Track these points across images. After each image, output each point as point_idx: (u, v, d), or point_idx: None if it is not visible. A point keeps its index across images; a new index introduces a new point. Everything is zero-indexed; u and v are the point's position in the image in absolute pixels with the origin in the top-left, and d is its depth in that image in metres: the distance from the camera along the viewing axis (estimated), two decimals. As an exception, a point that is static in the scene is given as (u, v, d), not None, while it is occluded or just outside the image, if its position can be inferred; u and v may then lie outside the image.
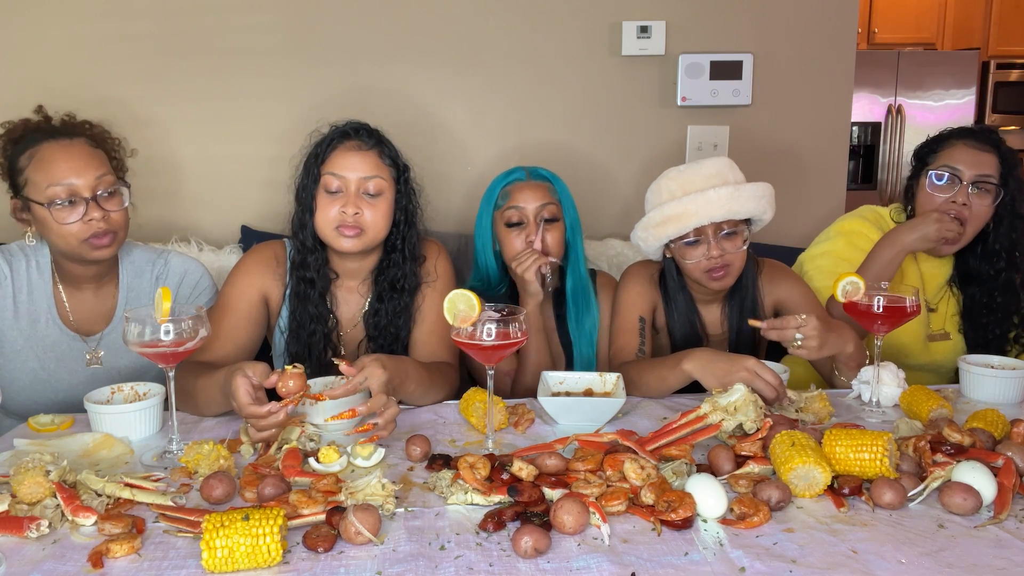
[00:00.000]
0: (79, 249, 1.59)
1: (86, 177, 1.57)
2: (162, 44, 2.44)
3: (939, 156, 1.93)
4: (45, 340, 1.68)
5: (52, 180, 1.55)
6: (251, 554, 0.95)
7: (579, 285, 1.94)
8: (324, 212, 1.66)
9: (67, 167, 1.56)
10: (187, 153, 2.51)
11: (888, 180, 4.92)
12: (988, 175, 1.87)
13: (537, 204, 1.86)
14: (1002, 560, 0.98)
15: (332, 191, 1.66)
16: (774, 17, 2.56)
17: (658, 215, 1.75)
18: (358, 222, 1.65)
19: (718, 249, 1.72)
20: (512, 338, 1.30)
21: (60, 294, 1.70)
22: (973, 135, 1.91)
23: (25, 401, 1.67)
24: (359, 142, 1.69)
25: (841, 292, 1.53)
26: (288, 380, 1.30)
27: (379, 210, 1.68)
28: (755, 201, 1.72)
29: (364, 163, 1.67)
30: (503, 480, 1.15)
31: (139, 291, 1.76)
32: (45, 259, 1.70)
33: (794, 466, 1.14)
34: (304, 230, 1.70)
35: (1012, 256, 1.94)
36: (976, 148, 1.88)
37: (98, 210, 1.58)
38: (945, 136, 1.95)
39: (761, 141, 2.58)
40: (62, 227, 1.56)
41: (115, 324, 1.73)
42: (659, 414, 1.52)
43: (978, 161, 1.87)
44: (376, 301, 1.75)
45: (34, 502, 1.10)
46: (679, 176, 1.76)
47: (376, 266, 1.78)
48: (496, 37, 2.52)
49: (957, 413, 1.49)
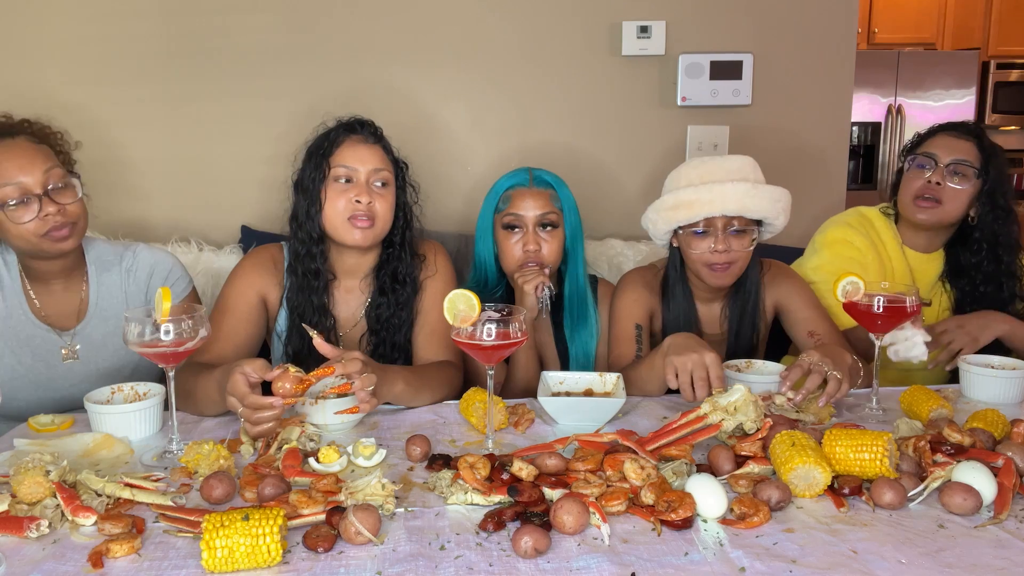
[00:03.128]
0: (39, 245, 1.58)
1: (34, 174, 1.56)
2: (162, 44, 2.44)
3: (922, 145, 2.00)
4: (19, 335, 1.68)
5: (0, 181, 1.54)
6: (251, 554, 0.95)
7: (576, 293, 1.94)
8: (334, 204, 1.68)
9: (12, 166, 1.55)
10: (187, 153, 2.51)
11: (888, 180, 4.92)
12: (964, 159, 1.92)
13: (537, 212, 1.85)
14: (1002, 560, 0.98)
15: (343, 183, 1.68)
16: (774, 17, 2.56)
17: (672, 199, 1.75)
18: (370, 211, 1.67)
19: (724, 244, 1.72)
20: (512, 338, 1.30)
21: (29, 291, 1.70)
22: (953, 127, 1.98)
23: (7, 399, 1.66)
24: (364, 136, 1.73)
25: (841, 292, 1.54)
26: (286, 382, 1.30)
27: (388, 202, 1.71)
28: (770, 203, 1.73)
29: (373, 155, 1.71)
30: (503, 480, 1.15)
31: (109, 285, 1.75)
32: (12, 256, 1.70)
33: (794, 466, 1.14)
34: (310, 222, 1.71)
35: (994, 248, 1.97)
36: (955, 137, 1.95)
37: (52, 204, 1.56)
38: (930, 130, 2.02)
39: (761, 141, 2.58)
40: (19, 227, 1.55)
41: (89, 319, 1.72)
42: (659, 414, 1.52)
43: (955, 147, 1.93)
44: (379, 295, 1.76)
45: (34, 502, 1.10)
46: (701, 165, 1.77)
47: (376, 263, 1.79)
48: (496, 37, 2.52)
49: (957, 413, 1.48)
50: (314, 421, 1.43)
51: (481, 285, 1.97)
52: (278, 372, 1.32)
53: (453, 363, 1.73)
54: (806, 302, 1.86)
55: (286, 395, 1.30)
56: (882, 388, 1.59)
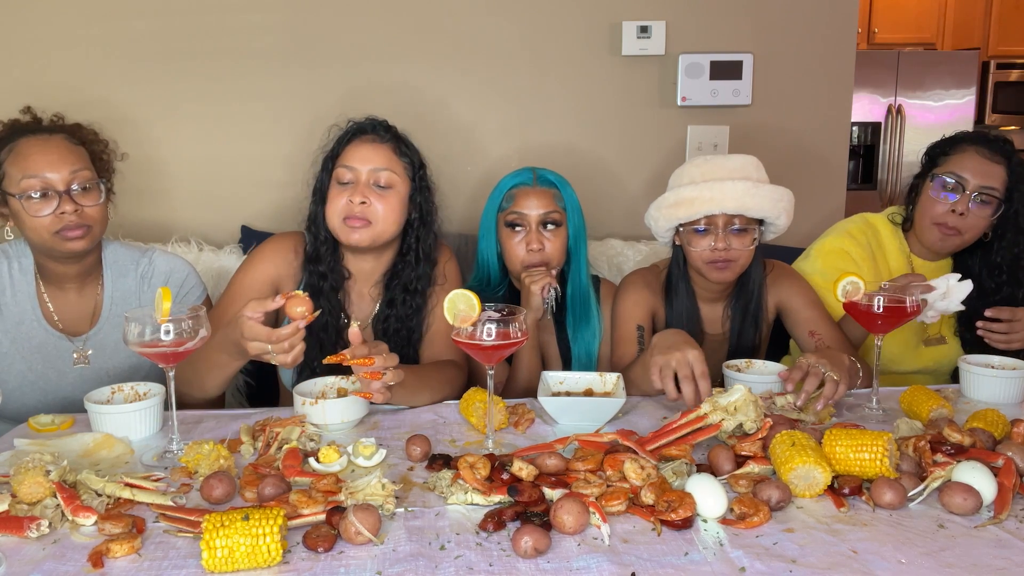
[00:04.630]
0: (51, 242, 1.60)
1: (60, 171, 1.59)
2: (162, 45, 2.44)
3: (949, 160, 1.90)
4: (31, 341, 1.68)
5: (26, 172, 1.57)
6: (251, 554, 0.95)
7: (578, 293, 1.94)
8: (334, 204, 1.67)
9: (42, 160, 1.59)
10: (187, 153, 2.51)
11: (888, 180, 4.92)
12: (993, 187, 1.85)
13: (540, 211, 1.85)
14: (1002, 560, 0.98)
15: (343, 183, 1.67)
16: (774, 17, 2.56)
17: (673, 196, 1.75)
18: (365, 213, 1.64)
19: (724, 242, 1.72)
20: (512, 338, 1.30)
21: (43, 295, 1.71)
22: (987, 143, 1.88)
23: (15, 403, 1.67)
24: (374, 135, 1.71)
25: (841, 292, 1.53)
26: (297, 305, 1.35)
27: (388, 203, 1.67)
28: (771, 203, 1.72)
29: (376, 154, 1.68)
30: (503, 480, 1.15)
31: (124, 291, 1.76)
32: (28, 260, 1.71)
33: (794, 466, 1.14)
34: (316, 224, 1.72)
35: (1014, 272, 1.93)
36: (986, 158, 1.86)
37: (71, 204, 1.59)
38: (959, 139, 1.92)
39: (761, 141, 2.58)
40: (34, 219, 1.58)
41: (102, 324, 1.73)
42: (659, 414, 1.52)
43: (986, 171, 1.85)
44: (387, 307, 1.74)
45: (34, 502, 1.10)
46: (704, 163, 1.77)
47: (389, 269, 1.77)
48: (496, 37, 2.52)
49: (957, 413, 1.48)
50: (314, 421, 1.43)
51: (484, 284, 1.97)
52: (281, 300, 1.35)
53: (456, 362, 1.72)
54: (807, 302, 1.86)
55: (304, 316, 1.34)
56: (882, 388, 1.59)
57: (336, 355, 1.35)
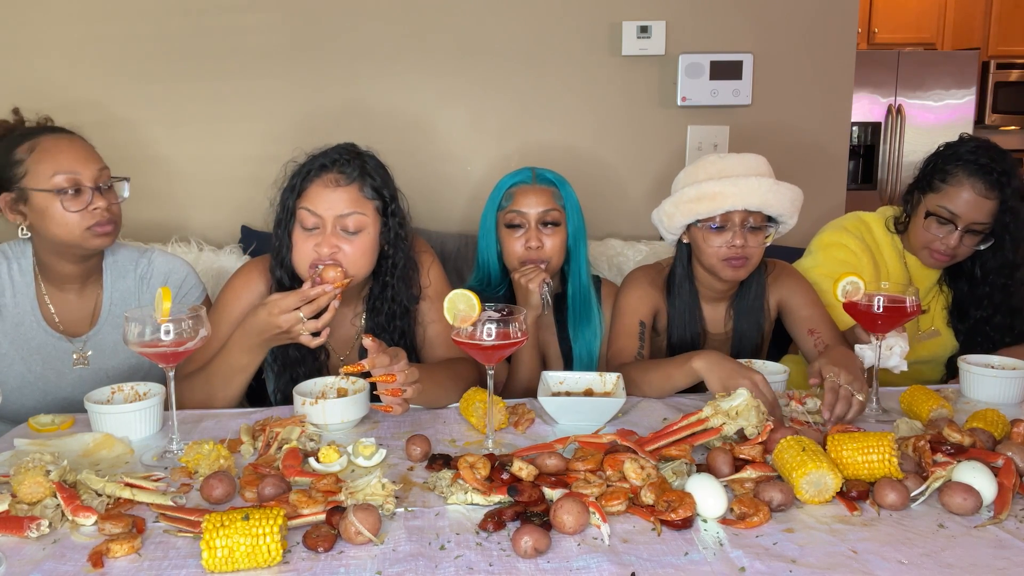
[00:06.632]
0: (80, 238, 1.61)
1: (89, 168, 1.62)
2: (163, 45, 2.45)
3: (945, 190, 1.88)
4: (30, 342, 1.68)
5: (58, 169, 1.59)
6: (251, 554, 0.95)
7: (579, 292, 1.94)
8: (300, 250, 1.56)
9: (73, 157, 1.61)
10: (187, 153, 2.51)
11: (888, 180, 4.92)
12: (982, 222, 1.87)
13: (539, 210, 1.86)
14: (1002, 560, 0.98)
15: (308, 228, 1.56)
16: (774, 17, 2.57)
17: (694, 191, 1.75)
18: (335, 259, 1.54)
19: (741, 239, 1.73)
20: (512, 338, 1.30)
21: (43, 296, 1.71)
22: (985, 176, 1.83)
23: (15, 404, 1.67)
24: (338, 175, 1.57)
25: (841, 292, 1.54)
26: (329, 271, 1.42)
27: (358, 247, 1.56)
28: (789, 201, 1.74)
29: (342, 199, 1.55)
30: (503, 480, 1.15)
31: (123, 291, 1.76)
32: (27, 260, 1.71)
33: (807, 471, 1.12)
34: (282, 268, 1.62)
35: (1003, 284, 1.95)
36: (981, 195, 1.84)
37: (102, 199, 1.62)
38: (960, 163, 1.87)
39: (761, 141, 2.58)
40: (66, 215, 1.59)
41: (101, 324, 1.73)
42: (659, 414, 1.52)
43: (979, 209, 1.85)
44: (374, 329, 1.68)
45: (34, 502, 1.10)
46: (719, 161, 1.78)
47: (368, 292, 1.70)
48: (496, 38, 2.52)
49: (957, 413, 1.49)
50: (314, 421, 1.43)
51: (484, 283, 1.97)
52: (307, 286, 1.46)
53: (465, 359, 1.68)
54: (807, 300, 1.86)
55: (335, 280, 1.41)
56: (882, 388, 1.59)
57: (355, 364, 1.34)
